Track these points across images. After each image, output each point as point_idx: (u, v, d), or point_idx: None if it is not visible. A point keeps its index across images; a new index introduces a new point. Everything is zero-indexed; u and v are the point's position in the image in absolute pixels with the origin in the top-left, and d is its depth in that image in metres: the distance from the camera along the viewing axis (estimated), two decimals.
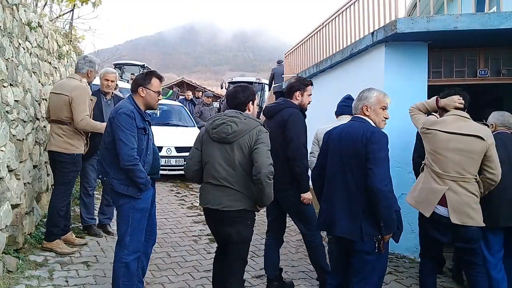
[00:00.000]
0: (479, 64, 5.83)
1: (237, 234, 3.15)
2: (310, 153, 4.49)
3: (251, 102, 3.34)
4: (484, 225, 3.47)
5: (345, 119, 4.06)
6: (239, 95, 3.30)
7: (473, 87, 6.07)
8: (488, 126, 4.08)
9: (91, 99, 4.71)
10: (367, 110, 3.14)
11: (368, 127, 3.03)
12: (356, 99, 3.24)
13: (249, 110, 3.33)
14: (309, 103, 4.19)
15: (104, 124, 4.53)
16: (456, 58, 5.86)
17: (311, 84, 4.20)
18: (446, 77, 5.86)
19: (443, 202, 3.47)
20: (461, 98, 3.69)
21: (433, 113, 3.96)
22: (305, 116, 4.07)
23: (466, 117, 3.64)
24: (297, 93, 4.10)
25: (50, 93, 4.64)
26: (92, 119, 4.87)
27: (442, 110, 3.80)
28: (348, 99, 4.58)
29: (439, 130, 3.59)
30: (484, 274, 3.62)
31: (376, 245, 2.90)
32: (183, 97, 14.72)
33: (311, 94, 4.19)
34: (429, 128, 3.68)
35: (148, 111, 3.62)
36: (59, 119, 4.50)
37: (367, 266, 2.97)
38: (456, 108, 3.66)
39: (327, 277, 3.52)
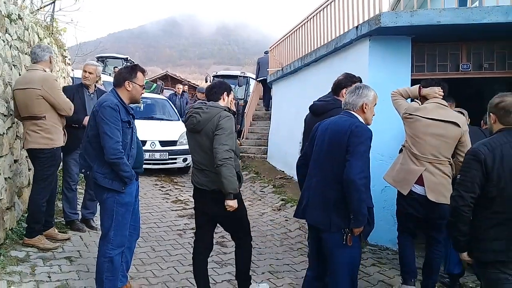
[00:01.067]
0: (461, 58, 5.90)
1: (221, 210, 3.43)
2: (299, 142, 4.77)
3: (225, 93, 3.65)
4: None
5: None
6: (216, 86, 3.68)
7: (455, 80, 6.16)
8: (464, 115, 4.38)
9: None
10: (365, 108, 3.16)
11: (355, 121, 3.06)
12: (354, 95, 3.19)
13: (223, 101, 3.62)
14: None
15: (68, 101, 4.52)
16: (439, 52, 5.92)
17: (360, 81, 4.11)
18: (429, 71, 5.92)
19: (419, 181, 3.83)
20: (441, 88, 4.05)
21: (415, 100, 4.25)
22: None
23: (445, 105, 4.01)
24: (344, 90, 4.05)
25: (14, 90, 4.39)
26: (75, 112, 4.81)
27: (423, 98, 4.12)
28: None
29: (420, 116, 3.93)
30: (441, 253, 3.99)
31: (344, 237, 2.92)
32: (173, 92, 14.33)
33: None
34: (411, 114, 4.00)
35: (132, 105, 3.59)
36: (32, 114, 4.32)
37: (336, 258, 2.99)
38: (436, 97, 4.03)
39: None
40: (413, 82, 5.58)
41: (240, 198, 3.60)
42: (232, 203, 3.38)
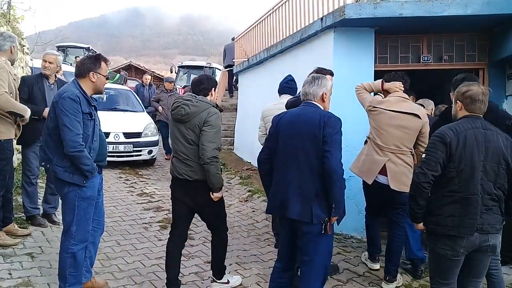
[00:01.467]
0: (422, 50, 6.05)
1: (202, 199, 3.63)
2: (258, 128, 4.86)
3: (213, 88, 3.79)
4: None
5: (286, 98, 4.45)
6: (204, 82, 3.76)
7: (417, 72, 6.32)
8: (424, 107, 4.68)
9: (14, 79, 4.40)
10: (325, 97, 3.21)
11: (323, 112, 3.10)
12: (314, 85, 3.20)
13: (211, 96, 3.76)
14: None
15: (25, 106, 4.25)
16: (401, 44, 6.05)
17: (331, 74, 4.14)
18: (392, 62, 6.04)
19: (383, 171, 4.04)
20: (402, 83, 4.23)
21: (379, 93, 4.41)
22: None
23: (407, 98, 4.22)
24: None
25: None
26: (34, 103, 4.64)
27: (386, 92, 4.30)
28: (291, 80, 4.84)
29: (384, 109, 4.10)
30: (402, 237, 4.20)
31: (323, 227, 2.97)
32: (139, 82, 13.85)
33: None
34: (375, 107, 4.16)
35: (94, 96, 3.50)
36: None
37: (315, 247, 3.04)
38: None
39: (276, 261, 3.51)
40: (376, 73, 5.70)
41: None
42: (218, 195, 3.62)
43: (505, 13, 5.17)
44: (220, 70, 17.06)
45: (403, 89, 4.20)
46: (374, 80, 5.49)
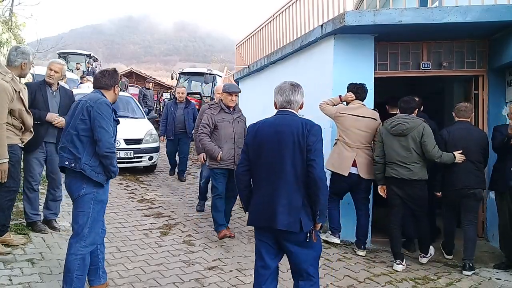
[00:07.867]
0: (422, 57, 6.07)
1: (412, 194, 4.85)
2: None
3: (416, 109, 5.01)
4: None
5: None
6: (411, 102, 4.95)
7: (417, 79, 6.34)
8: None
9: (21, 89, 4.39)
10: (302, 106, 3.23)
11: (304, 120, 3.06)
12: (298, 94, 3.17)
13: (414, 114, 4.91)
14: None
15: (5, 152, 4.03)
16: (401, 51, 6.08)
17: None
18: (392, 69, 6.07)
19: (353, 164, 5.08)
20: (357, 91, 5.25)
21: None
22: None
23: (364, 105, 5.28)
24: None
25: None
26: (37, 109, 4.67)
27: (346, 102, 5.39)
28: None
29: (348, 114, 5.17)
30: (367, 216, 5.33)
31: (308, 235, 2.96)
32: (173, 99, 12.48)
33: None
34: (341, 113, 5.22)
35: None
36: None
37: (301, 256, 3.01)
38: (357, 99, 5.25)
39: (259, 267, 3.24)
40: (376, 80, 5.73)
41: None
42: None
43: (505, 20, 5.21)
44: (221, 76, 17.11)
45: (354, 98, 5.22)
46: (374, 87, 5.61)
